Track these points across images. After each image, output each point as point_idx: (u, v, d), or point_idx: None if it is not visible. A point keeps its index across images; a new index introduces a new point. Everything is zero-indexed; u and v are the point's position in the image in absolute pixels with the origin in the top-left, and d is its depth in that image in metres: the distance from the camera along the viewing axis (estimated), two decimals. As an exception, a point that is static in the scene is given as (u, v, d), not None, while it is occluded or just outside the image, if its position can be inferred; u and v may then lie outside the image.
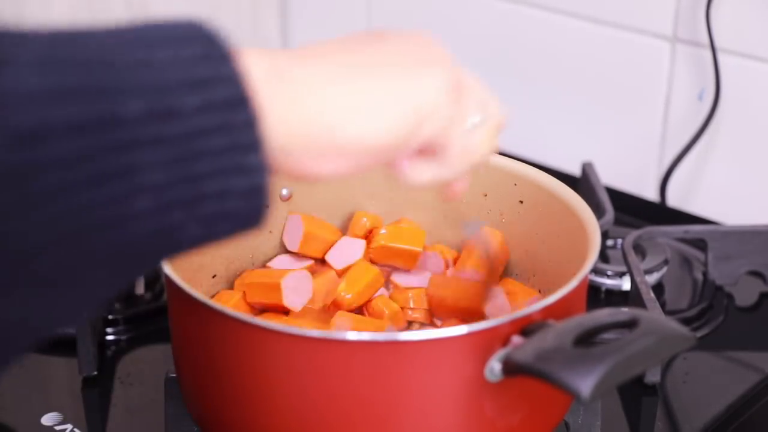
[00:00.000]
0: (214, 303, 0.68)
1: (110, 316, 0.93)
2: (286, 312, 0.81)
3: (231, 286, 0.86)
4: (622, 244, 0.95)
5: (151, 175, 0.42)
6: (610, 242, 1.03)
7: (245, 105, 0.44)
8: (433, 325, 0.83)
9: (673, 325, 0.65)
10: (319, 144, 0.49)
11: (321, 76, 0.50)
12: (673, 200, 1.15)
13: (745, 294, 0.99)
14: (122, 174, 0.42)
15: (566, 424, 0.79)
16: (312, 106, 0.49)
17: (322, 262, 0.87)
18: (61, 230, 0.41)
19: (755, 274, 0.99)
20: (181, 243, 0.45)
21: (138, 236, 0.43)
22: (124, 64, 0.42)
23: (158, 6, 1.30)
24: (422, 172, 0.57)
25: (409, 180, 0.57)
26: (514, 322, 0.66)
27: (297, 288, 0.80)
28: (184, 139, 0.43)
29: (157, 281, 1.00)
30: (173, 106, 0.43)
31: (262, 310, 0.82)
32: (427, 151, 0.56)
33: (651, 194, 1.17)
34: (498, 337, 0.65)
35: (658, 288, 0.99)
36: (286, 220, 0.88)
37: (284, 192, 0.87)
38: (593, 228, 0.76)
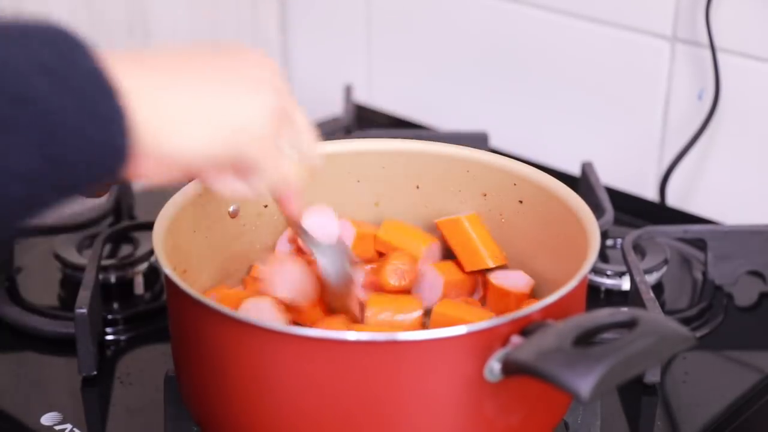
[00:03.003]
0: (214, 303, 0.68)
1: (110, 316, 0.93)
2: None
3: (232, 284, 0.86)
4: (621, 244, 0.95)
5: (15, 155, 0.45)
6: (609, 242, 1.04)
7: (101, 78, 0.48)
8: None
9: (672, 325, 0.65)
10: (152, 152, 0.53)
11: (156, 83, 0.54)
12: (673, 200, 1.16)
13: (745, 294, 1.00)
14: None
15: (566, 424, 0.79)
16: (145, 112, 0.52)
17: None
18: None
19: (755, 274, 0.99)
20: (42, 201, 0.49)
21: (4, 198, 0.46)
22: None
23: (157, 7, 1.30)
24: (227, 186, 0.62)
25: (218, 191, 0.62)
26: (513, 322, 0.66)
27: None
28: (41, 117, 0.46)
29: (156, 281, 1.00)
30: (26, 90, 0.46)
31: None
32: (239, 170, 0.60)
33: (651, 194, 1.17)
34: (497, 337, 0.65)
35: (657, 288, 0.99)
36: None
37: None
38: (593, 228, 0.76)
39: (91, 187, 0.50)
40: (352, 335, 0.66)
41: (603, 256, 1.02)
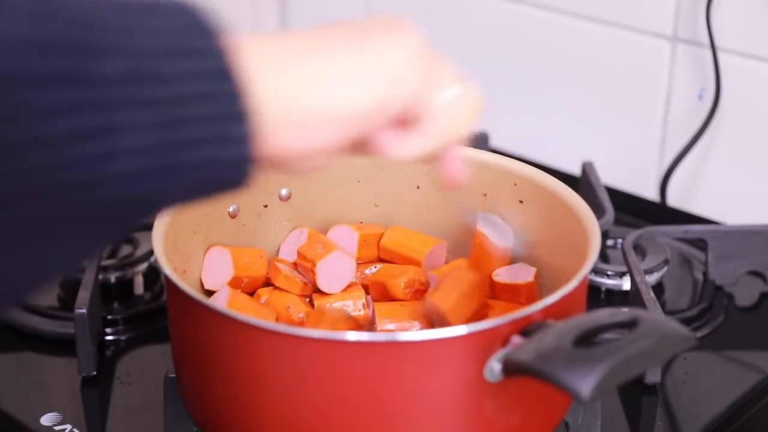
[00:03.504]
0: (214, 303, 0.68)
1: (109, 317, 0.93)
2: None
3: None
4: (622, 244, 0.95)
5: (132, 138, 0.42)
6: (610, 242, 1.03)
7: (232, 76, 0.44)
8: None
9: (673, 325, 0.65)
10: (300, 114, 0.49)
11: (298, 50, 0.50)
12: (673, 200, 1.15)
13: (745, 294, 0.99)
14: (101, 134, 0.41)
15: (566, 424, 0.79)
16: (291, 78, 0.49)
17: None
18: (34, 184, 0.41)
19: (755, 274, 0.99)
20: (160, 206, 0.45)
21: (115, 199, 0.43)
22: (111, 26, 0.42)
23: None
24: (405, 146, 0.56)
25: (393, 155, 0.56)
26: (514, 323, 0.66)
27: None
28: (167, 104, 0.43)
29: (156, 281, 1.00)
30: (156, 71, 0.43)
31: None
32: (407, 122, 0.55)
33: (651, 194, 1.17)
34: (498, 337, 0.65)
35: (658, 288, 0.99)
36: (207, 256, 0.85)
37: (283, 192, 0.87)
38: (593, 228, 0.76)
39: (208, 194, 0.46)
40: (352, 335, 0.66)
41: (603, 257, 1.02)
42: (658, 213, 1.13)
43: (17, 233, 0.41)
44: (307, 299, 0.84)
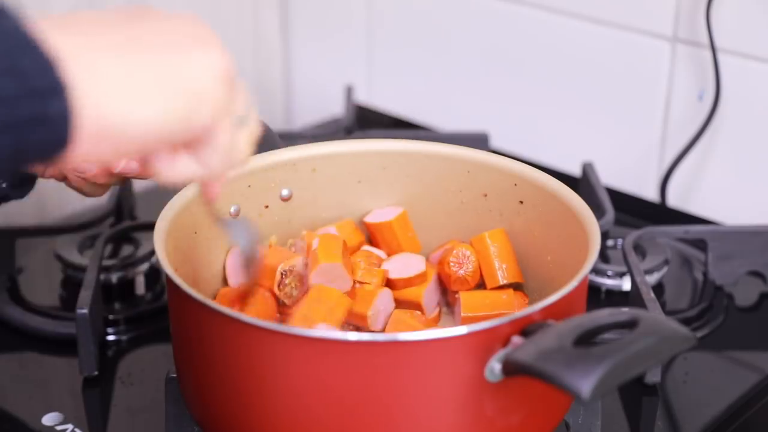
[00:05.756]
0: (214, 303, 0.68)
1: (111, 317, 0.93)
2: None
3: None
4: (622, 245, 0.95)
5: None
6: (610, 242, 1.04)
7: (38, 49, 0.44)
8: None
9: (673, 325, 0.65)
10: (94, 127, 0.47)
11: (107, 49, 0.48)
12: (673, 200, 1.16)
13: (745, 294, 1.00)
14: None
15: (566, 424, 0.79)
16: (89, 83, 0.46)
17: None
18: None
19: (755, 274, 0.99)
20: None
21: None
22: None
23: (157, 4, 1.30)
24: (181, 169, 0.55)
25: (165, 177, 0.55)
26: (514, 323, 0.66)
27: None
28: None
29: (157, 281, 1.00)
30: None
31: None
32: (189, 145, 0.54)
33: (651, 194, 1.17)
34: (498, 337, 0.66)
35: (658, 288, 0.99)
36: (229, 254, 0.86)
37: (284, 192, 0.87)
38: (593, 228, 0.76)
39: (26, 161, 0.45)
40: (353, 335, 0.66)
41: (603, 257, 1.02)
42: (658, 213, 1.13)
43: None
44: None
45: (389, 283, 0.85)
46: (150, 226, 0.78)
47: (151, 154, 0.53)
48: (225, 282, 0.86)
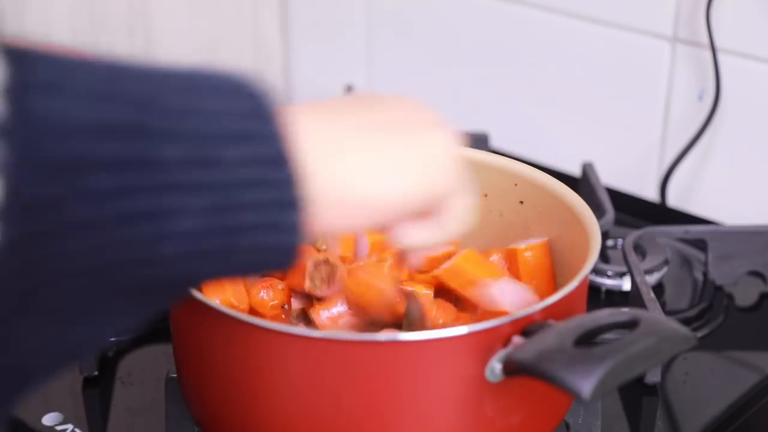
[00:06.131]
0: (214, 303, 0.68)
1: (111, 317, 0.93)
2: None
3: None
4: (622, 245, 0.95)
5: (184, 222, 0.42)
6: (610, 242, 1.04)
7: (287, 163, 0.44)
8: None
9: (673, 325, 0.65)
10: (338, 198, 0.49)
11: (344, 136, 0.51)
12: (673, 200, 1.16)
13: (745, 294, 1.00)
14: (153, 217, 0.42)
15: (566, 424, 0.79)
16: (339, 165, 0.49)
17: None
18: (85, 263, 0.41)
19: (755, 274, 0.99)
20: (204, 283, 0.46)
21: (162, 277, 0.43)
22: (170, 108, 0.42)
23: (158, 8, 1.30)
24: (416, 236, 0.58)
25: (403, 243, 0.58)
26: (514, 323, 0.66)
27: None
28: (221, 189, 0.43)
29: (157, 281, 1.00)
30: (213, 156, 0.42)
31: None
32: (425, 214, 0.57)
33: (651, 194, 1.17)
34: (499, 337, 0.66)
35: (658, 288, 0.99)
36: None
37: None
38: (593, 228, 0.76)
39: (254, 274, 0.48)
40: (352, 335, 0.66)
41: (604, 257, 1.02)
42: (658, 213, 1.13)
43: (62, 308, 0.42)
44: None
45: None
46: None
47: (392, 224, 0.57)
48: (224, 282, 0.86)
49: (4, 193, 0.38)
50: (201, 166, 0.42)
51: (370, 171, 0.51)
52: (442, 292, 0.82)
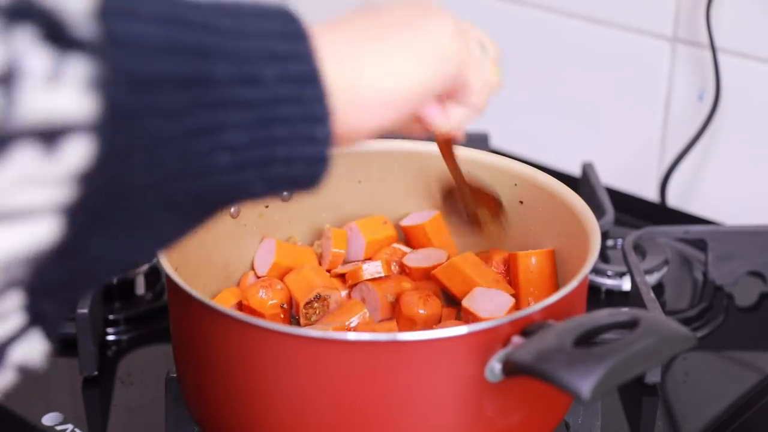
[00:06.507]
0: (214, 303, 0.68)
1: (111, 317, 0.93)
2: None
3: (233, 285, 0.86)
4: (622, 245, 0.95)
5: (233, 135, 0.46)
6: (610, 242, 1.04)
7: (318, 81, 0.49)
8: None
9: (673, 325, 0.65)
10: (363, 97, 0.53)
11: (359, 37, 0.55)
12: (673, 200, 1.16)
13: (745, 294, 1.00)
14: (210, 131, 0.45)
15: (566, 424, 0.79)
16: (355, 64, 0.53)
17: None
18: (154, 177, 0.44)
19: (755, 274, 0.99)
20: (245, 197, 0.49)
21: (211, 189, 0.47)
22: (223, 29, 0.46)
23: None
24: (452, 115, 0.63)
25: (441, 125, 0.63)
26: (514, 323, 0.66)
27: None
28: (264, 105, 0.47)
29: (157, 281, 1.00)
30: (257, 73, 0.47)
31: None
32: (450, 94, 0.62)
33: (651, 194, 1.17)
34: (498, 337, 0.66)
35: (658, 288, 0.99)
36: (260, 243, 0.88)
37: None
38: (593, 228, 0.76)
39: (289, 188, 0.51)
40: (352, 335, 0.66)
41: (603, 257, 1.02)
42: (658, 213, 1.13)
43: (124, 221, 0.45)
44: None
45: (409, 274, 0.86)
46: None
47: (422, 111, 0.62)
48: (225, 282, 0.86)
49: (97, 108, 0.40)
50: (247, 83, 0.46)
51: (387, 66, 0.55)
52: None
